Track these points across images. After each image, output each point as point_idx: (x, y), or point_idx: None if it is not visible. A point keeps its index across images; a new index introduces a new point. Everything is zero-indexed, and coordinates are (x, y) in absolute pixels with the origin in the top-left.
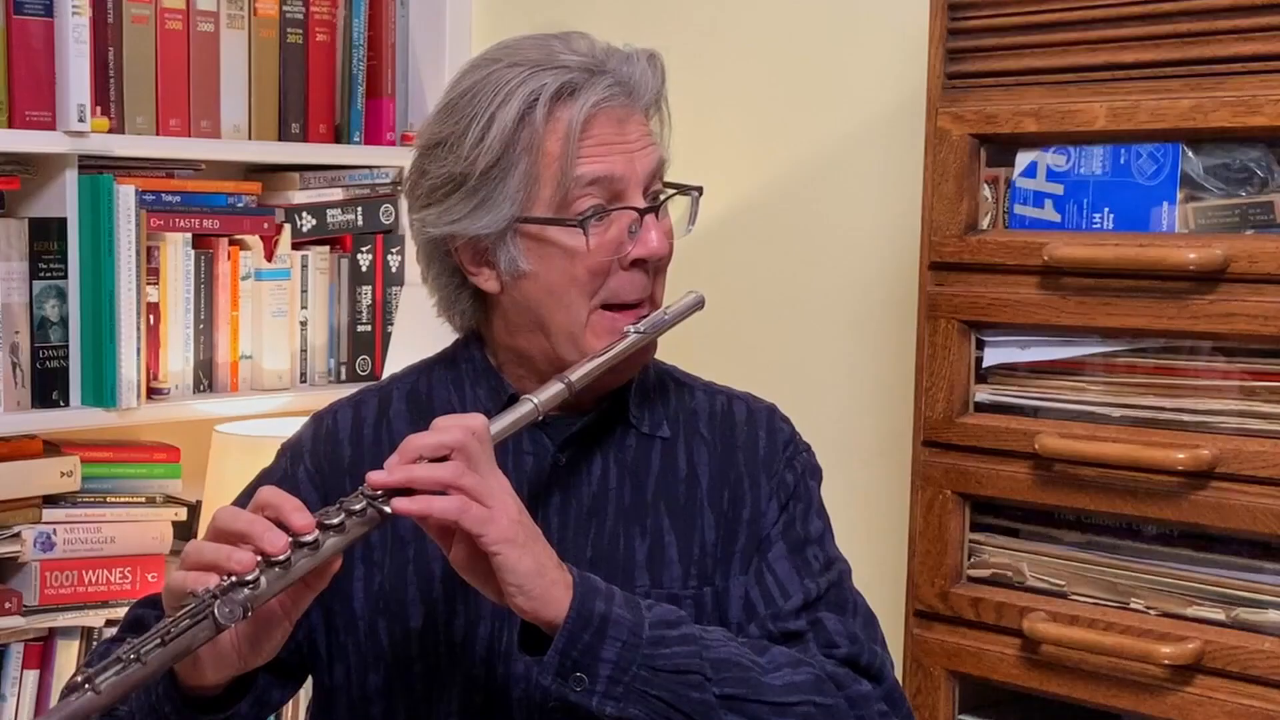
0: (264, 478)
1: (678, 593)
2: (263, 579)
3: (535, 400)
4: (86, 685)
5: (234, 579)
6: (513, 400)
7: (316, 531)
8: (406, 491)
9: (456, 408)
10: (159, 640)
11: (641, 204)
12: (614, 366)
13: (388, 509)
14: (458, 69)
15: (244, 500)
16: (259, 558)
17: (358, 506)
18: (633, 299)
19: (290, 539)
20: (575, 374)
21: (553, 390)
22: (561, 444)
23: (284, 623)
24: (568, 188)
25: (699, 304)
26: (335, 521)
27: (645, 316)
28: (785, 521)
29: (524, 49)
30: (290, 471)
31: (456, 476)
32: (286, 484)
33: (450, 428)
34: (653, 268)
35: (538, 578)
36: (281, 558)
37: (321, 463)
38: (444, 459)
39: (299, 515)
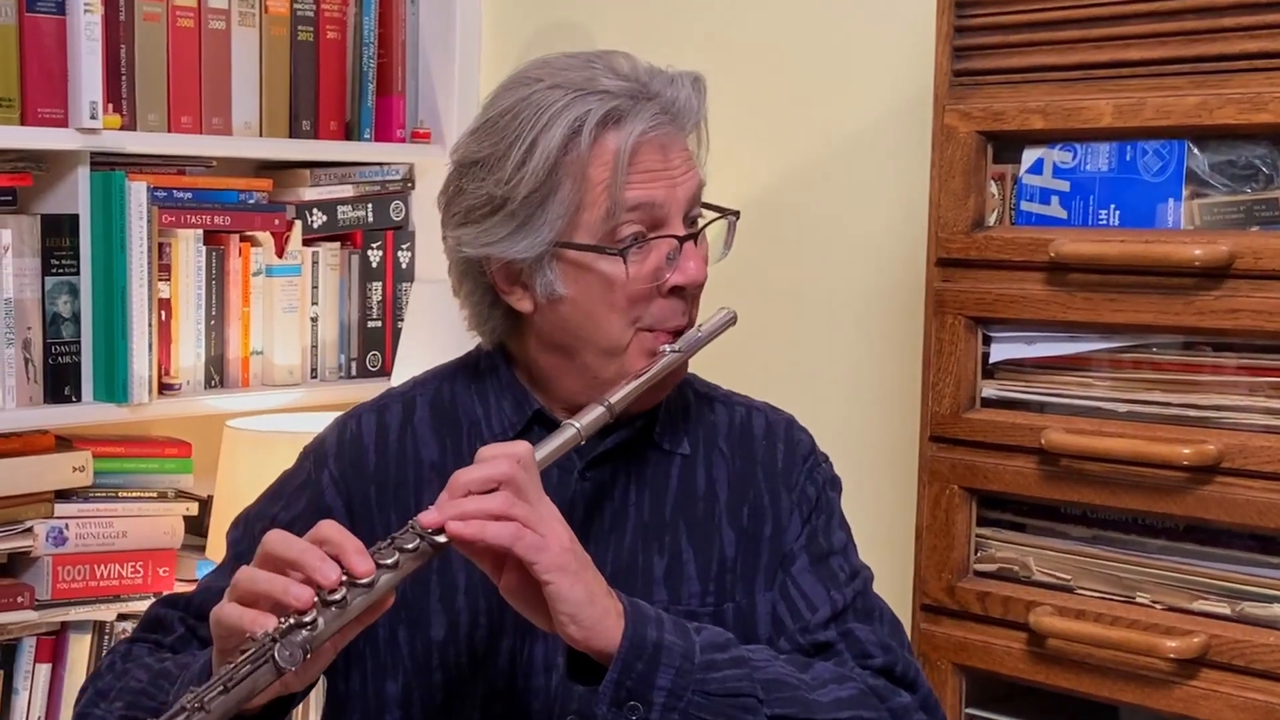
0: (286, 480)
1: (696, 609)
2: (320, 620)
3: (577, 425)
4: None
5: (292, 620)
6: (539, 416)
7: (374, 573)
8: None
9: (481, 420)
10: (222, 688)
11: (682, 231)
12: (650, 386)
13: (441, 539)
14: (495, 85)
15: (265, 502)
16: (315, 595)
17: (411, 545)
18: (673, 325)
19: (344, 577)
20: (615, 396)
21: (594, 414)
22: (588, 463)
23: (330, 653)
24: (613, 217)
25: (732, 320)
26: (390, 561)
27: (681, 335)
28: (808, 534)
29: (566, 70)
30: (314, 476)
31: (507, 507)
32: (310, 489)
33: (496, 459)
34: (690, 294)
35: (589, 606)
36: (338, 596)
37: (346, 469)
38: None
39: (360, 559)
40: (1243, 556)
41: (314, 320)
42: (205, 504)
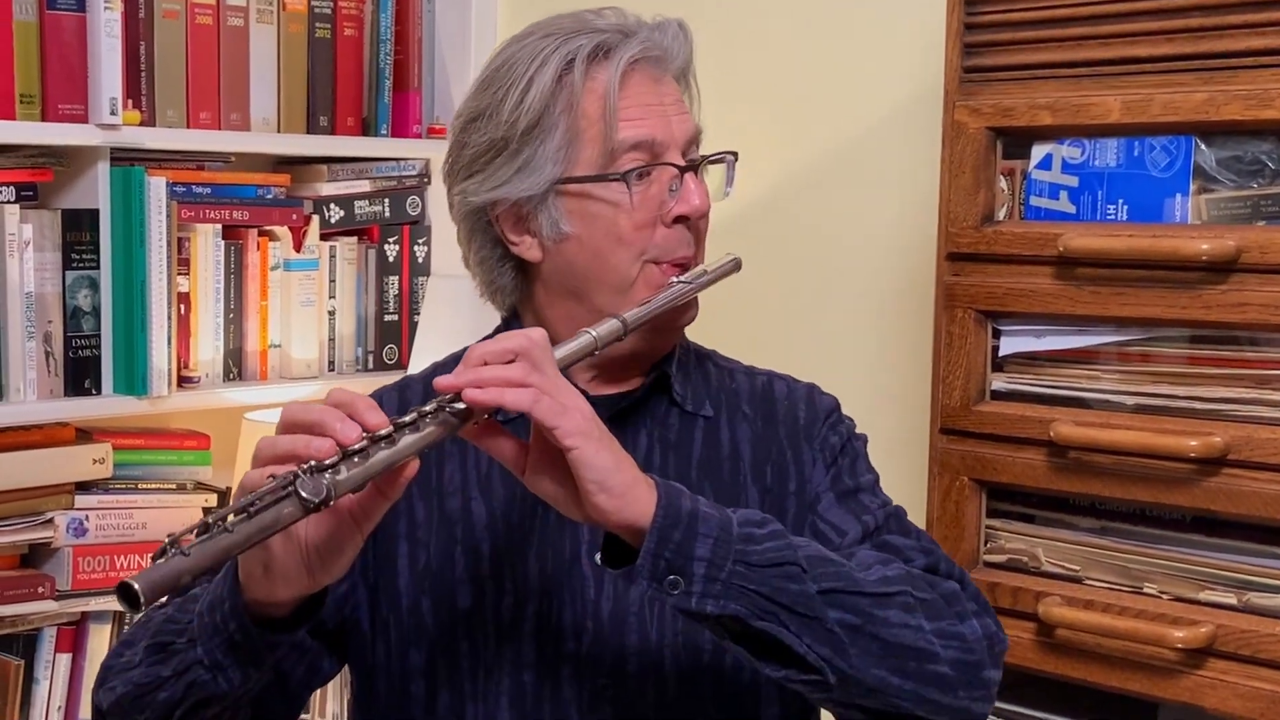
0: None
1: None
2: (342, 467)
3: (593, 333)
4: (174, 548)
5: (314, 464)
6: None
7: (391, 429)
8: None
9: None
10: (245, 514)
11: (681, 162)
12: (659, 325)
13: (461, 406)
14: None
15: None
16: (337, 449)
17: (430, 408)
18: (680, 255)
19: (365, 434)
20: (629, 313)
21: (609, 325)
22: (606, 422)
23: (355, 534)
24: (610, 147)
25: (737, 265)
26: (409, 419)
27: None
28: (833, 476)
29: (556, 22)
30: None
31: (525, 374)
32: None
33: (512, 335)
34: (693, 226)
35: (617, 472)
36: (359, 447)
37: None
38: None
39: (373, 413)
40: (1249, 547)
41: (331, 314)
42: (224, 495)
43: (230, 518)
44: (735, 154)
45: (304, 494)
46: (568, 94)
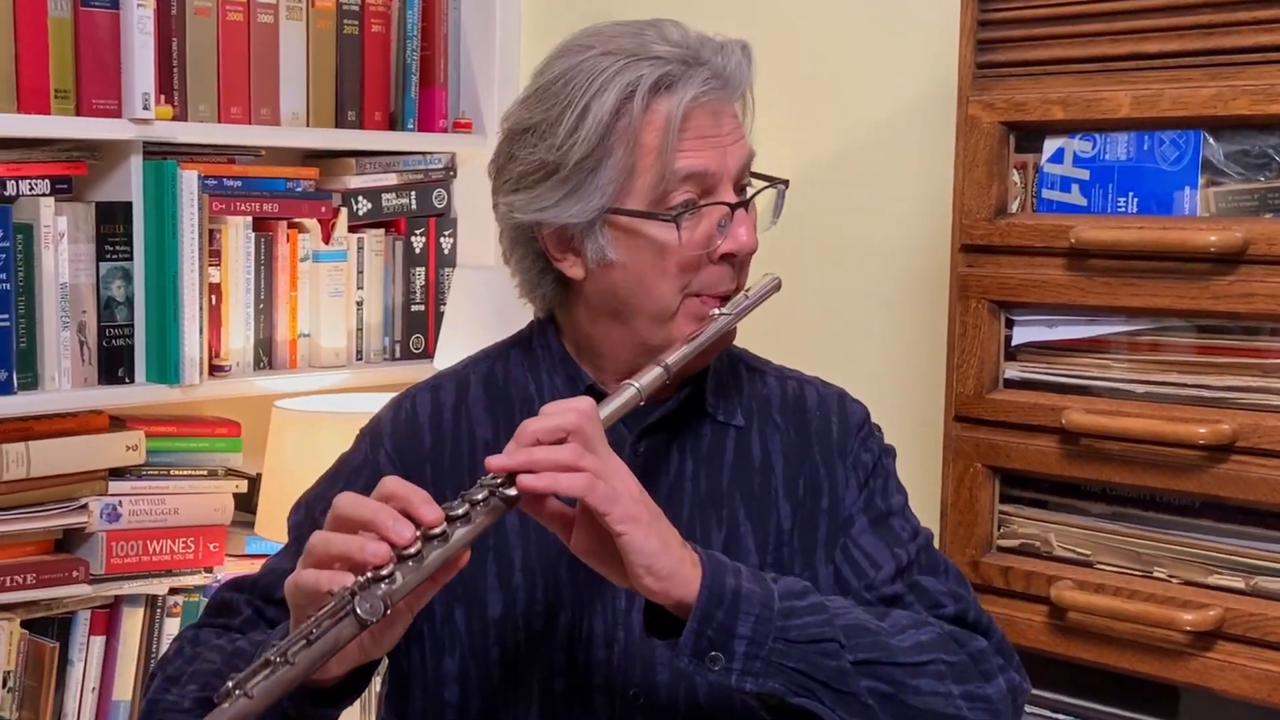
0: (344, 462)
1: None
2: (398, 573)
3: (637, 385)
4: (238, 691)
5: (370, 575)
6: (591, 391)
7: (444, 524)
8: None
9: (534, 396)
10: (304, 641)
11: (733, 199)
12: (700, 350)
13: (512, 492)
14: (546, 54)
15: (325, 484)
16: (391, 552)
17: (480, 496)
18: (722, 290)
19: (418, 531)
20: (671, 358)
21: (652, 375)
22: (639, 434)
23: (406, 615)
24: (664, 182)
25: (777, 286)
26: (461, 512)
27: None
28: (865, 498)
29: (617, 37)
30: (371, 456)
31: (577, 457)
32: (368, 469)
33: (564, 411)
34: (740, 261)
35: (664, 555)
36: (413, 550)
37: (401, 447)
38: (559, 443)
39: (428, 508)
40: (1257, 533)
41: (359, 304)
42: (254, 482)
43: (292, 649)
44: (786, 182)
45: (360, 613)
46: (626, 124)
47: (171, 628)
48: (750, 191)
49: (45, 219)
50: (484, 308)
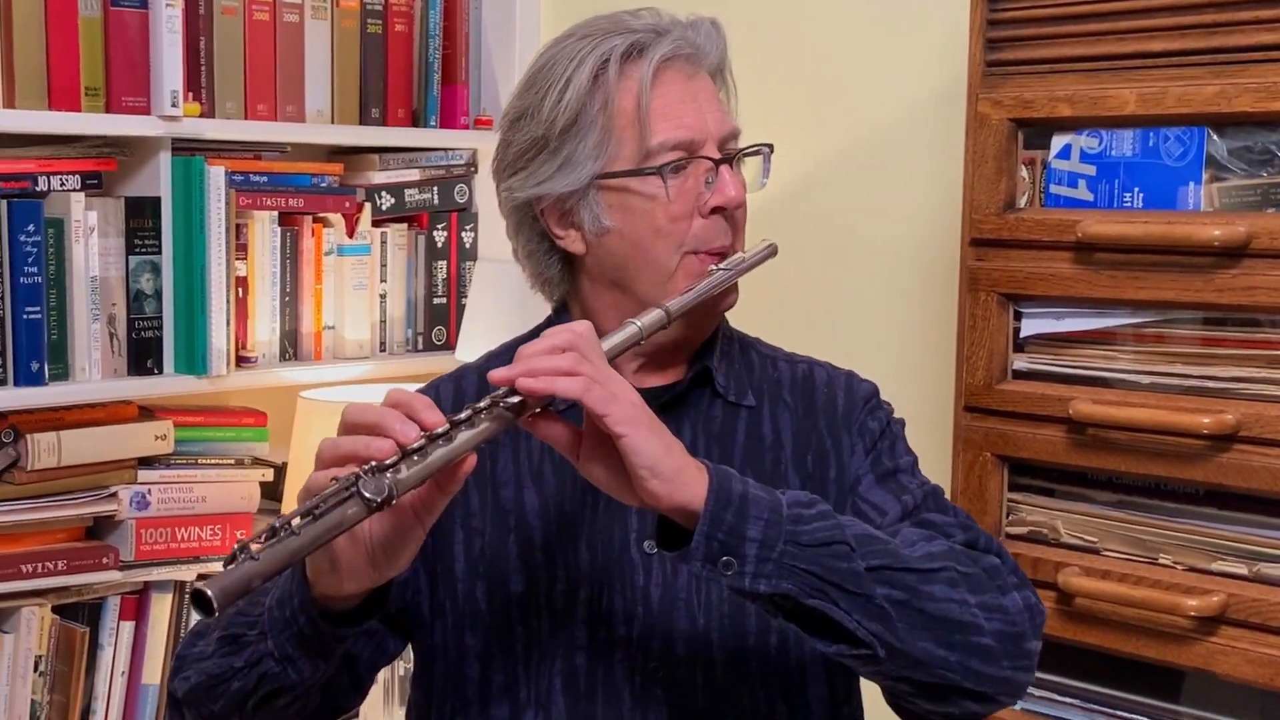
0: None
1: None
2: (402, 466)
3: (638, 324)
4: (243, 554)
5: (375, 464)
6: None
7: (448, 426)
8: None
9: None
10: (311, 516)
11: (717, 155)
12: (700, 311)
13: (515, 399)
14: (533, 54)
15: None
16: (397, 449)
17: (484, 404)
18: (717, 245)
19: (423, 433)
20: (671, 302)
21: (652, 315)
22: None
23: (417, 528)
24: (645, 142)
25: (773, 251)
26: (465, 417)
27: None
28: (873, 459)
29: (595, 23)
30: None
31: (575, 364)
32: None
33: (559, 331)
34: (730, 216)
35: (668, 457)
36: (417, 445)
37: None
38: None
39: (430, 412)
40: (1259, 520)
41: (382, 297)
42: (280, 470)
43: (296, 521)
44: (771, 146)
45: (366, 494)
46: (603, 93)
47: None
48: (736, 154)
49: (76, 214)
50: (504, 300)
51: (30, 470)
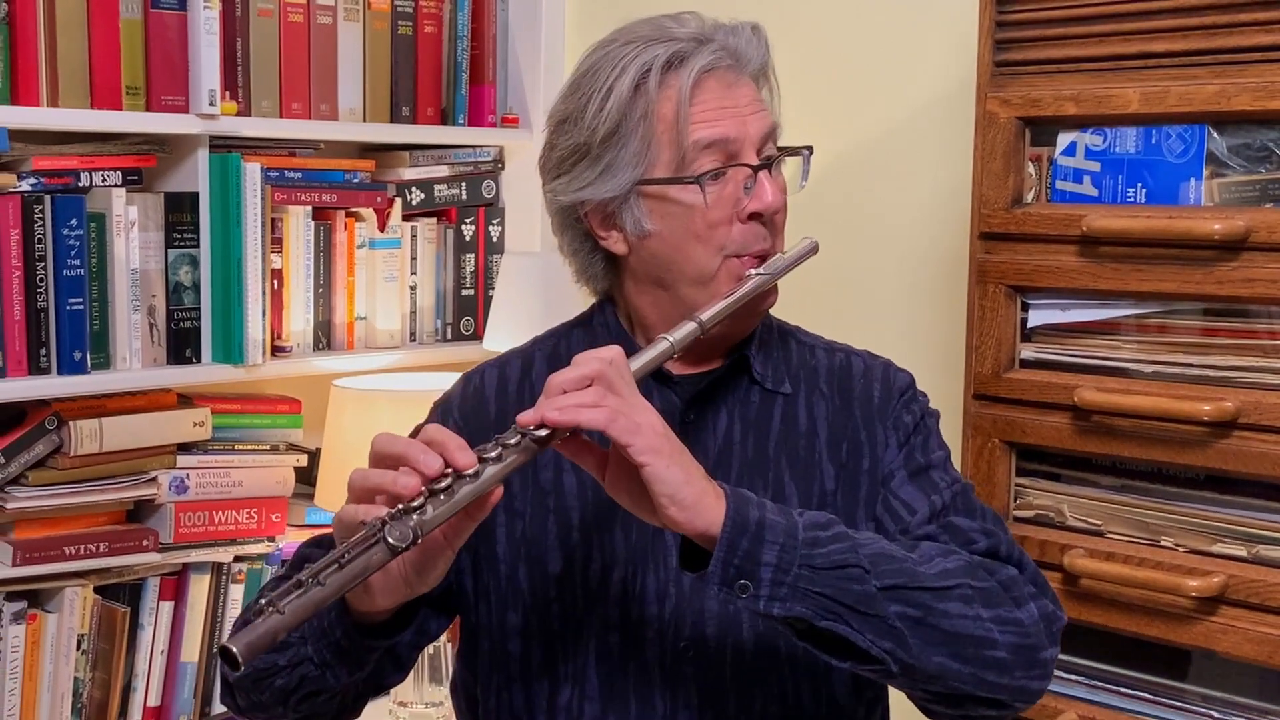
0: (417, 431)
1: None
2: (429, 506)
3: (670, 339)
4: (270, 607)
5: (402, 507)
6: None
7: (477, 465)
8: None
9: None
10: (336, 565)
11: (755, 161)
12: (740, 312)
13: (542, 433)
14: (579, 55)
15: None
16: (424, 486)
17: (513, 441)
18: (756, 249)
19: (450, 470)
20: (705, 313)
21: (686, 329)
22: (689, 401)
23: (447, 551)
24: (684, 150)
25: (813, 249)
26: (493, 455)
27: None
28: (906, 454)
29: (638, 29)
30: (440, 424)
31: (599, 398)
32: None
33: (588, 360)
34: (769, 221)
35: (687, 486)
36: (445, 485)
37: (468, 416)
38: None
39: (462, 454)
40: (1258, 504)
41: (413, 289)
42: (314, 456)
43: (324, 572)
44: (810, 148)
45: (391, 540)
46: (644, 101)
47: (236, 594)
48: (774, 159)
49: (117, 208)
50: (530, 292)
51: (73, 456)
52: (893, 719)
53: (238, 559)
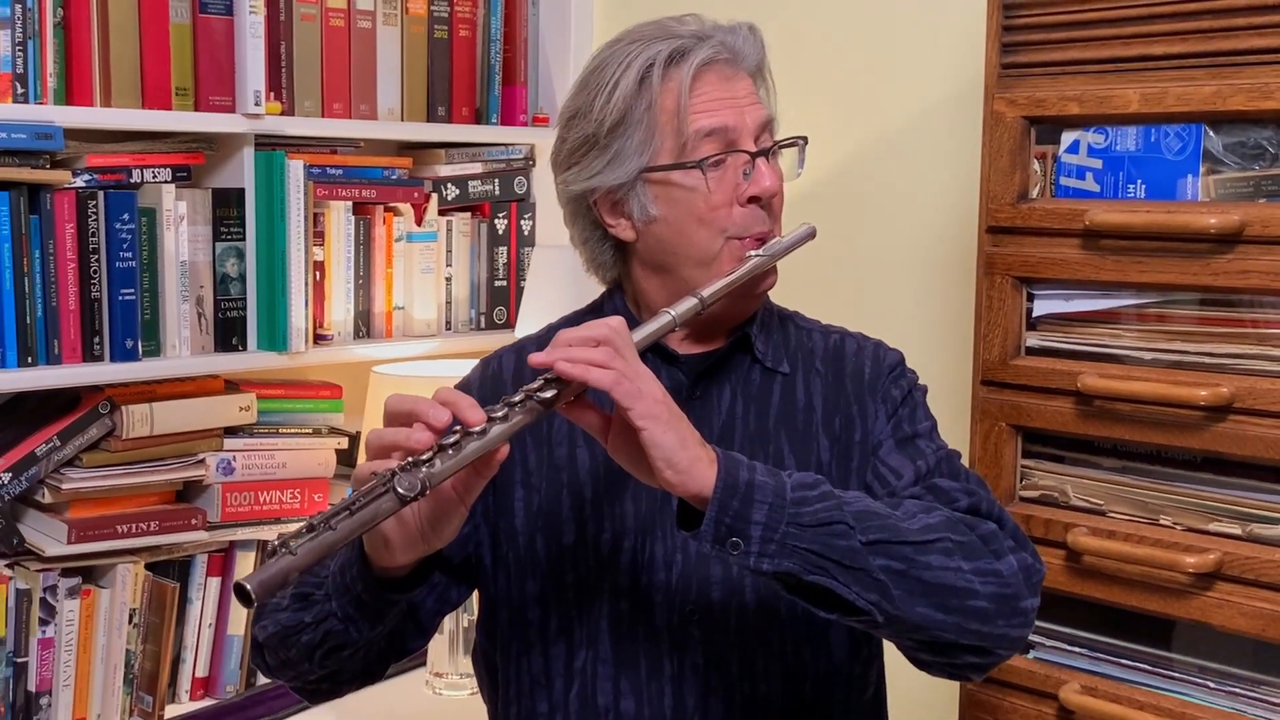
0: None
1: None
2: (437, 460)
3: (672, 313)
4: (283, 548)
5: (412, 460)
6: (652, 348)
7: (486, 422)
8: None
9: None
10: (347, 511)
11: (753, 149)
12: (742, 293)
13: (547, 394)
14: (586, 56)
15: None
16: (435, 442)
17: (518, 399)
18: (756, 231)
19: (459, 426)
20: (706, 290)
21: (686, 304)
22: (694, 379)
23: (459, 506)
24: (685, 138)
25: (811, 234)
26: (500, 414)
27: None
28: (894, 424)
29: (643, 29)
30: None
31: (608, 359)
32: None
33: (596, 325)
34: (768, 205)
35: (682, 450)
36: (453, 440)
37: (487, 397)
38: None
39: (473, 411)
40: (1252, 484)
41: (448, 280)
42: (354, 439)
43: (335, 517)
44: (805, 138)
45: (400, 489)
46: (648, 94)
47: None
48: (771, 146)
49: (167, 204)
50: (559, 282)
51: (125, 439)
52: (898, 688)
53: (280, 537)
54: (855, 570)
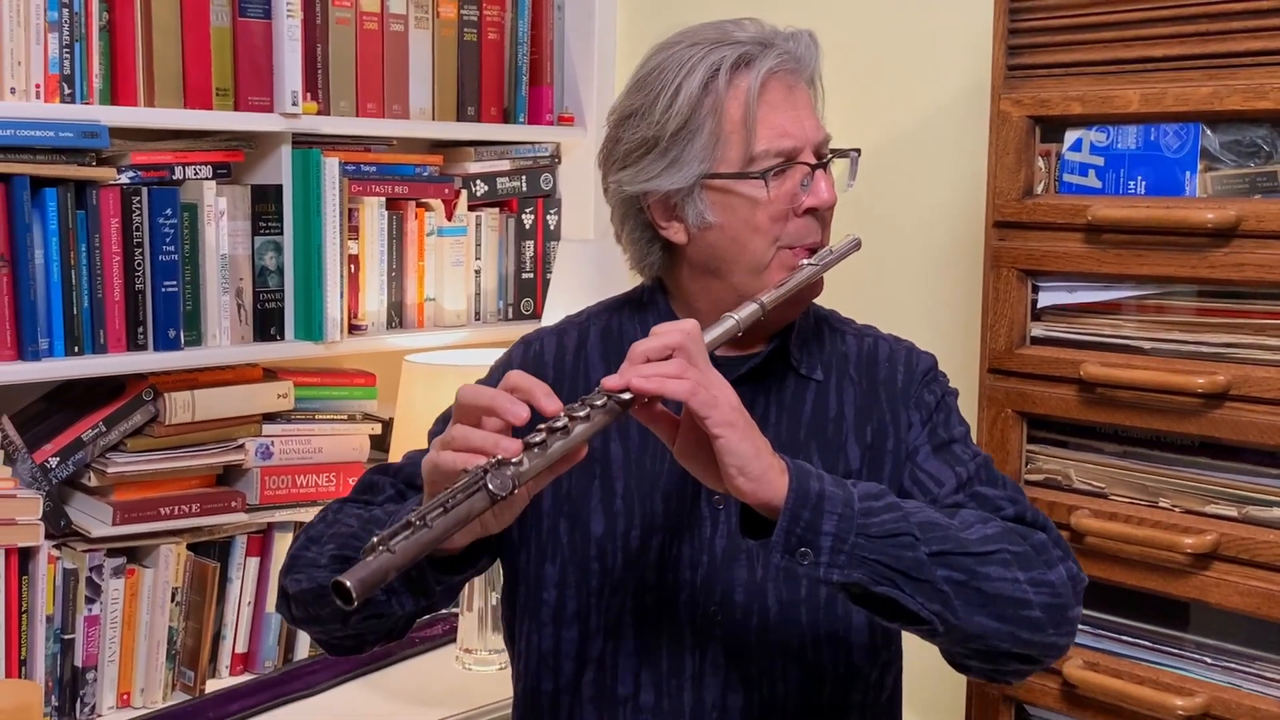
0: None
1: None
2: (524, 459)
3: (736, 318)
4: (382, 546)
5: (499, 458)
6: None
7: (565, 419)
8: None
9: None
10: (442, 509)
11: (814, 160)
12: (788, 301)
13: (626, 396)
14: (628, 77)
15: (446, 417)
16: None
17: (599, 403)
18: (809, 242)
19: (544, 424)
20: (766, 296)
21: (749, 309)
22: (732, 382)
23: (524, 496)
24: (750, 147)
25: (857, 245)
26: (582, 414)
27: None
28: (929, 430)
29: (701, 32)
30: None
31: (682, 370)
32: None
33: (669, 331)
34: (822, 216)
35: (756, 459)
36: (539, 439)
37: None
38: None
39: (549, 400)
40: (1248, 468)
41: (477, 272)
42: (387, 425)
43: (430, 514)
44: (859, 150)
45: (492, 489)
46: (713, 99)
47: None
48: (829, 158)
49: (208, 199)
50: (584, 275)
51: (168, 425)
52: (905, 681)
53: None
54: (921, 581)
